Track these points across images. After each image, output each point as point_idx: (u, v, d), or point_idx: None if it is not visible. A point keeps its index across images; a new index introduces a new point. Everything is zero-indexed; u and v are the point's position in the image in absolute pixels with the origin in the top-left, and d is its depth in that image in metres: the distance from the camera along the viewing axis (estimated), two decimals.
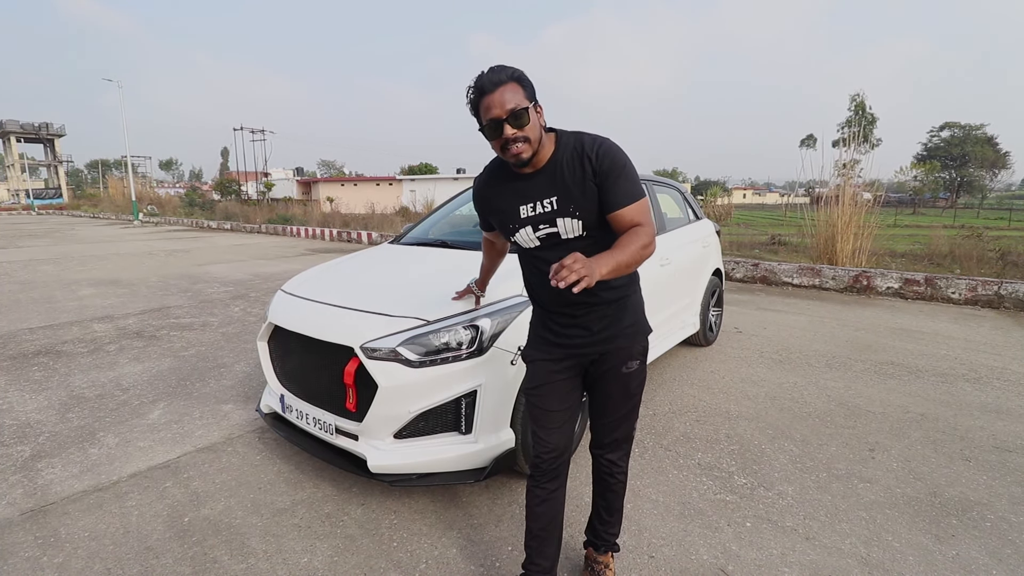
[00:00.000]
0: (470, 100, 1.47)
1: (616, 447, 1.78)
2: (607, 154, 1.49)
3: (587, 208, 1.50)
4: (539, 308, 1.72)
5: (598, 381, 1.69)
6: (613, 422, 1.74)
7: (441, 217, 3.84)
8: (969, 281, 6.56)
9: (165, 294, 7.22)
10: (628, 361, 1.65)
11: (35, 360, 4.35)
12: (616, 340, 1.62)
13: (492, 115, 1.42)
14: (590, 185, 1.49)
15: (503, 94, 1.41)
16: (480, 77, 1.44)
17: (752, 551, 2.06)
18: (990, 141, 54.76)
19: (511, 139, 1.44)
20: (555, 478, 1.69)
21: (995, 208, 43.86)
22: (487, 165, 1.70)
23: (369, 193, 36.53)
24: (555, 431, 1.66)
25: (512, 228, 1.59)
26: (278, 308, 2.71)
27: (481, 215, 1.78)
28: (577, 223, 1.51)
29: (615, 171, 1.48)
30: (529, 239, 1.58)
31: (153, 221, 26.61)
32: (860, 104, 43.30)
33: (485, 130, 1.47)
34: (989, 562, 2.00)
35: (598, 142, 1.52)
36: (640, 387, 1.73)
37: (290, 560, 2.02)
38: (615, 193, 1.48)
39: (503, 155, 1.50)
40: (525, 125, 1.43)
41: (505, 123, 1.42)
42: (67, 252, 12.60)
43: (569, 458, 1.74)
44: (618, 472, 1.80)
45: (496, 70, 1.44)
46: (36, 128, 59.85)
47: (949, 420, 3.23)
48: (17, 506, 2.36)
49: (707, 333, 4.62)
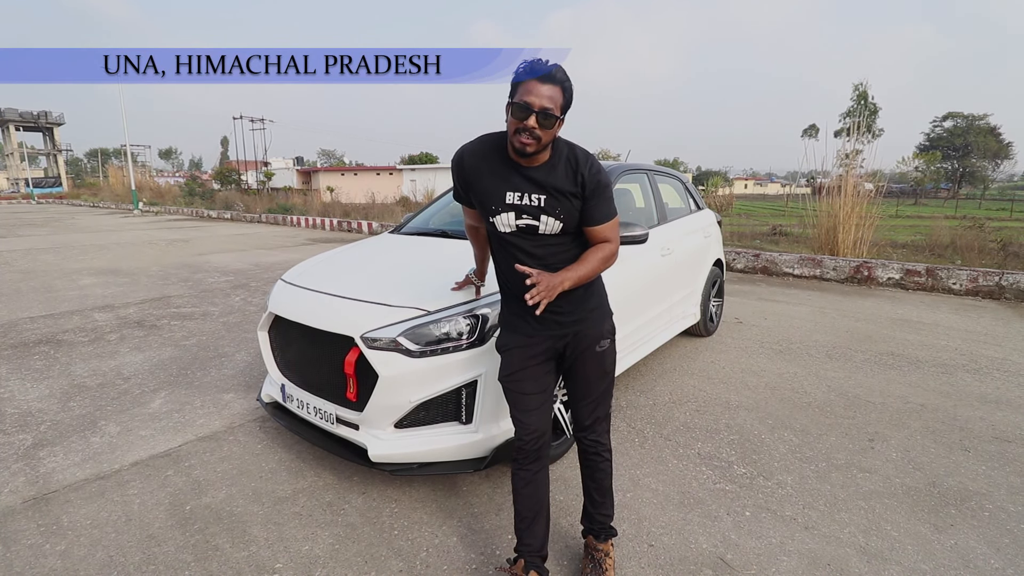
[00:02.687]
0: (518, 73, 1.53)
1: (596, 426, 1.87)
2: (597, 174, 1.63)
3: (570, 214, 1.63)
4: (509, 293, 1.78)
5: (575, 363, 1.79)
6: (592, 401, 1.83)
7: (441, 207, 3.82)
8: (970, 272, 6.55)
9: (166, 283, 7.22)
10: (600, 340, 1.78)
11: (36, 349, 4.36)
12: (585, 321, 1.75)
13: (529, 100, 1.49)
14: (577, 197, 1.63)
15: (550, 90, 1.50)
16: (541, 63, 1.51)
17: (751, 540, 2.07)
18: (993, 131, 54.39)
19: (529, 129, 1.50)
20: (537, 459, 1.78)
21: (997, 199, 43.64)
22: (480, 137, 1.71)
23: (369, 183, 36.37)
24: (534, 412, 1.76)
25: (494, 209, 1.65)
26: (279, 298, 2.70)
27: (461, 187, 1.77)
28: (558, 224, 1.63)
29: (599, 191, 1.64)
30: (509, 224, 1.65)
31: (153, 210, 26.55)
32: (863, 94, 42.97)
33: (513, 106, 1.51)
34: (987, 551, 2.01)
35: (589, 161, 1.64)
36: (613, 365, 1.86)
37: (291, 548, 2.03)
38: (597, 211, 1.65)
39: (512, 137, 1.54)
40: (547, 128, 1.52)
41: (535, 114, 1.48)
42: (67, 241, 12.58)
43: (549, 440, 1.83)
44: (603, 451, 1.89)
45: (558, 68, 1.52)
46: (35, 116, 59.48)
47: (949, 410, 3.24)
48: (19, 494, 2.37)
49: (708, 323, 4.62)
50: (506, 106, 1.56)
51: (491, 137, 1.69)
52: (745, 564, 1.94)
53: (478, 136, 1.72)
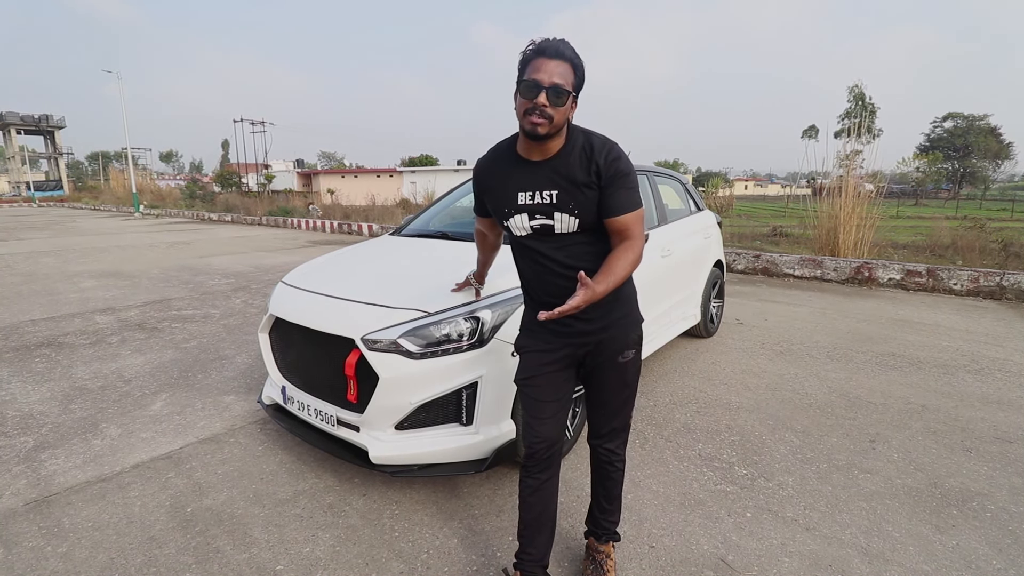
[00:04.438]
0: (524, 54, 1.46)
1: (614, 436, 1.79)
2: (615, 162, 1.50)
3: (586, 208, 1.52)
4: (531, 300, 1.71)
5: (594, 371, 1.69)
6: (610, 412, 1.75)
7: (442, 209, 3.82)
8: (971, 272, 6.54)
9: (166, 286, 7.22)
10: (624, 351, 1.66)
11: (37, 352, 4.36)
12: (610, 330, 1.63)
13: (537, 77, 1.42)
14: (593, 187, 1.51)
15: (559, 66, 1.42)
16: (547, 40, 1.44)
17: (752, 541, 2.07)
18: (993, 132, 54.36)
19: (539, 107, 1.42)
20: (546, 469, 1.68)
21: (998, 199, 43.65)
22: (492, 147, 1.69)
23: (370, 185, 36.39)
24: (547, 421, 1.65)
25: (507, 212, 1.59)
26: (279, 300, 2.70)
27: (478, 196, 1.77)
28: (574, 221, 1.53)
29: (620, 180, 1.51)
30: (523, 226, 1.58)
31: (154, 213, 26.57)
32: (859, 95, 42.93)
33: (521, 86, 1.44)
34: (989, 552, 2.01)
35: (607, 147, 1.52)
36: (636, 376, 1.74)
37: (292, 550, 2.03)
38: (618, 200, 1.51)
39: (522, 119, 1.46)
40: (558, 105, 1.43)
41: (545, 90, 1.41)
42: (68, 244, 12.60)
43: (561, 449, 1.72)
44: (617, 461, 1.82)
45: (565, 44, 1.44)
46: (36, 120, 59.57)
47: (950, 411, 3.23)
48: (21, 496, 2.37)
49: (708, 324, 4.62)
50: (514, 91, 1.47)
51: (502, 142, 1.65)
52: (746, 565, 1.94)
53: (490, 148, 1.69)
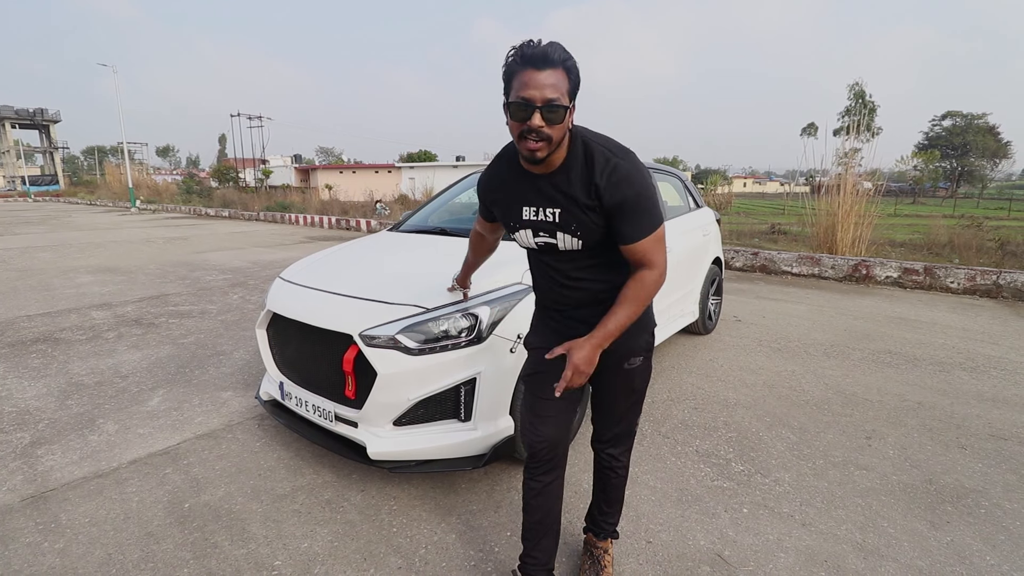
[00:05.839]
0: (508, 65, 1.27)
1: (617, 442, 1.75)
2: (618, 186, 1.33)
3: (589, 229, 1.40)
4: (540, 305, 1.69)
5: (600, 376, 1.61)
6: (614, 417, 1.71)
7: (440, 205, 3.81)
8: (968, 271, 6.56)
9: (163, 282, 7.20)
10: (631, 357, 1.59)
11: (33, 347, 4.35)
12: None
13: (527, 94, 1.24)
14: (596, 211, 1.38)
15: (550, 76, 1.24)
16: (532, 45, 1.24)
17: (749, 537, 2.08)
18: (992, 130, 54.52)
19: (534, 130, 1.26)
20: (550, 471, 1.63)
21: (995, 198, 43.75)
22: (499, 153, 1.58)
23: (368, 180, 36.35)
24: (549, 420, 1.59)
25: (512, 226, 1.54)
26: (277, 296, 2.70)
27: (483, 204, 1.72)
28: (576, 241, 1.43)
29: (628, 204, 1.34)
30: (528, 241, 1.53)
31: (151, 209, 26.47)
32: (859, 93, 42.98)
33: (511, 107, 1.28)
34: (983, 548, 2.02)
35: (610, 165, 1.34)
36: (644, 383, 1.67)
37: (290, 545, 2.03)
38: (630, 226, 1.36)
39: (517, 142, 1.33)
40: (555, 123, 1.27)
41: (538, 110, 1.24)
42: (64, 239, 12.55)
43: (565, 452, 1.67)
44: (619, 467, 1.78)
45: (554, 47, 1.25)
46: (31, 114, 59.30)
47: (946, 408, 3.25)
48: (17, 492, 2.37)
49: (706, 321, 4.63)
50: (503, 106, 1.31)
51: (504, 150, 1.54)
52: (743, 560, 1.95)
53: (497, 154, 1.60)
